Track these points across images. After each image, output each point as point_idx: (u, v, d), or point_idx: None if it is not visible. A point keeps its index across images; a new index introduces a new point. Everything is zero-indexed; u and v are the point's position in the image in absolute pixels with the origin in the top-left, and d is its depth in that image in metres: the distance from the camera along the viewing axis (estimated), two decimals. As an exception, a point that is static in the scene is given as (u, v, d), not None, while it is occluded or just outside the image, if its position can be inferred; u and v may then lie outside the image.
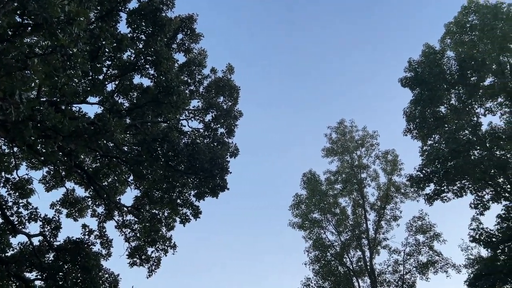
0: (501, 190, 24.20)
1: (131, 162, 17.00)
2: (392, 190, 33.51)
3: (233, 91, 20.68)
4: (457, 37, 28.22)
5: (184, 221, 20.23)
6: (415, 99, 27.33)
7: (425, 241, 30.33)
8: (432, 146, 25.75)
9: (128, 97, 19.53)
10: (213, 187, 17.89)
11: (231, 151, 19.92)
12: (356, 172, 34.67)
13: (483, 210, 24.76)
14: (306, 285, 30.18)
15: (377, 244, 31.70)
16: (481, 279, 21.92)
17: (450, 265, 28.95)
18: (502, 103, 26.32)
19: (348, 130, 36.65)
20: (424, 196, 25.39)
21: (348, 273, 30.60)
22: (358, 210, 33.48)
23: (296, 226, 32.91)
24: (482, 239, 23.87)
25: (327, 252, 31.52)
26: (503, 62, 26.19)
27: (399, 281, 29.31)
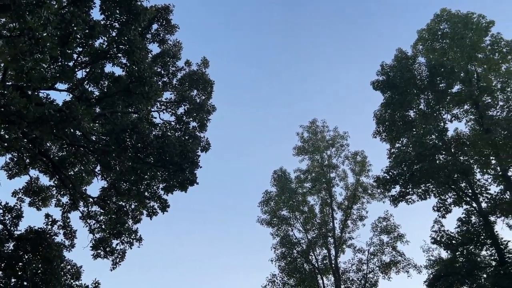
0: (463, 195, 25.07)
1: (99, 152, 16.64)
2: (360, 191, 34.14)
3: (207, 85, 20.50)
4: (428, 44, 28.98)
5: (151, 214, 19.98)
6: (385, 102, 27.93)
7: (389, 242, 31.09)
8: (400, 149, 26.41)
9: (99, 86, 19.04)
10: (182, 181, 17.71)
11: (203, 145, 19.75)
12: (325, 172, 35.11)
13: (445, 213, 25.60)
14: (272, 281, 30.42)
15: (342, 243, 32.24)
16: (440, 279, 22.68)
17: (412, 265, 29.80)
18: (468, 110, 27.22)
19: (319, 130, 37.09)
20: (389, 197, 26.02)
21: (313, 270, 31.00)
22: (326, 209, 33.93)
23: (264, 222, 33.10)
24: (443, 241, 24.69)
25: (293, 249, 31.84)
26: (470, 70, 27.08)
27: (362, 279, 29.94)
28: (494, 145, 23.92)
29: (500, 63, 26.72)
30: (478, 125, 26.14)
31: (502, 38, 26.62)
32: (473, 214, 24.50)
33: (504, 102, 25.46)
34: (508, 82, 25.68)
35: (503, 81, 26.00)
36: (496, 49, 26.73)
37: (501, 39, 26.62)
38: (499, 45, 26.68)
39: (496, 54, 26.80)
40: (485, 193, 24.70)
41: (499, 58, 26.67)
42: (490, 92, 25.95)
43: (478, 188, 24.88)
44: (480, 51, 26.91)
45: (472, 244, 23.98)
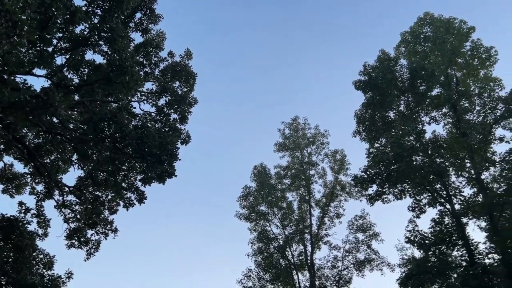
0: (438, 196, 25.60)
1: (76, 140, 16.39)
2: (338, 189, 34.50)
3: (189, 77, 20.31)
4: (411, 47, 29.38)
5: (128, 205, 19.80)
6: (366, 102, 28.20)
7: (364, 240, 31.56)
8: (378, 149, 26.75)
9: (78, 73, 18.68)
10: (160, 173, 17.56)
11: (183, 138, 19.62)
12: (305, 169, 35.33)
13: (419, 213, 26.11)
14: (247, 276, 30.55)
15: (319, 240, 32.58)
16: (411, 278, 23.16)
17: (386, 263, 30.33)
18: (446, 113, 27.72)
19: (301, 127, 37.25)
20: (366, 196, 26.40)
21: (288, 266, 31.25)
22: (304, 206, 34.19)
23: (242, 217, 33.16)
24: (417, 240, 25.19)
25: (270, 245, 32.02)
26: (450, 74, 27.58)
27: (337, 276, 30.34)
28: (470, 149, 24.49)
29: (479, 69, 27.29)
30: (455, 129, 26.66)
31: (481, 44, 27.19)
32: (447, 215, 25.06)
33: (481, 107, 26.02)
34: (485, 88, 26.24)
35: (481, 86, 26.55)
36: (476, 55, 27.28)
37: (481, 45, 27.18)
38: (479, 51, 27.23)
39: (475, 59, 27.36)
40: (459, 195, 25.29)
41: (478, 64, 27.24)
42: (468, 96, 26.50)
43: (452, 190, 25.43)
44: (460, 56, 27.43)
45: (444, 244, 24.53)
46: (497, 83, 26.18)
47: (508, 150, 24.28)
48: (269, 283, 30.41)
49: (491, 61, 27.14)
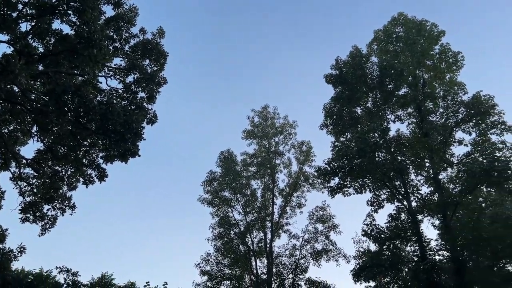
0: (396, 192, 26.41)
1: (37, 111, 15.80)
2: (302, 179, 34.96)
3: (160, 56, 19.89)
4: (383, 45, 29.88)
5: (88, 182, 19.39)
6: (336, 96, 28.60)
7: (323, 230, 32.21)
8: (343, 143, 27.23)
9: (44, 42, 17.95)
10: (123, 151, 17.18)
11: (149, 117, 19.26)
12: (271, 158, 35.57)
13: (378, 208, 26.88)
14: (206, 259, 30.67)
15: (279, 228, 33.02)
16: (365, 270, 23.92)
17: (342, 255, 31.12)
18: (411, 113, 28.50)
19: (270, 116, 37.37)
20: (328, 188, 26.88)
21: (248, 252, 31.56)
22: (267, 194, 34.50)
23: (205, 202, 33.10)
24: (373, 234, 25.97)
25: (231, 230, 32.20)
26: (418, 75, 28.31)
27: (294, 264, 30.90)
28: (430, 149, 25.33)
29: (445, 72, 28.14)
30: (418, 129, 27.47)
31: (450, 48, 28.02)
32: (403, 211, 25.91)
33: (444, 110, 26.88)
34: (450, 91, 27.10)
35: (446, 89, 27.40)
36: (444, 59, 28.11)
37: (449, 49, 28.01)
38: (447, 55, 28.06)
39: (443, 63, 28.18)
40: (416, 193, 26.18)
41: (445, 67, 28.08)
42: (433, 98, 27.30)
43: (411, 188, 26.29)
44: (429, 58, 28.17)
45: (399, 239, 25.41)
46: (461, 87, 27.11)
47: (466, 153, 25.31)
48: (227, 268, 30.66)
49: (457, 65, 28.05)
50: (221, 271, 30.42)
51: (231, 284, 29.88)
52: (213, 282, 29.68)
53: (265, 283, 29.63)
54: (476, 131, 25.45)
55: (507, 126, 24.34)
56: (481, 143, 24.94)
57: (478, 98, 24.73)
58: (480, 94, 24.87)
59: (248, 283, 30.41)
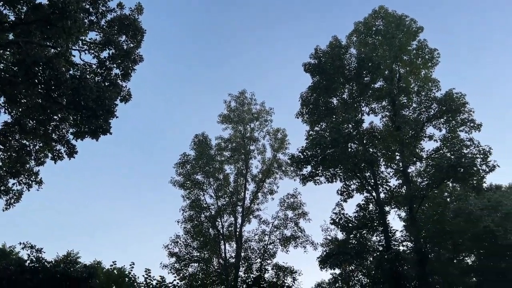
0: (366, 183, 26.92)
1: (5, 82, 15.22)
2: (275, 166, 35.14)
3: (137, 33, 19.37)
4: (362, 37, 30.08)
5: (56, 158, 18.93)
6: (313, 86, 28.71)
7: (293, 217, 32.59)
8: (318, 132, 27.46)
9: (15, 10, 17.19)
10: (95, 128, 16.83)
11: (123, 95, 18.87)
12: (246, 143, 35.55)
13: (347, 197, 27.39)
14: (175, 242, 30.59)
15: (250, 213, 33.19)
16: (331, 257, 24.42)
17: (310, 242, 31.58)
18: (385, 106, 28.94)
19: (247, 101, 37.21)
20: (300, 176, 27.13)
21: (217, 236, 31.66)
22: (240, 179, 34.54)
23: (177, 184, 32.84)
24: (341, 223, 26.48)
25: (202, 214, 32.17)
26: (394, 70, 28.71)
27: (262, 249, 31.22)
28: (401, 143, 25.89)
29: (421, 68, 28.65)
30: (391, 122, 27.97)
31: (427, 45, 28.47)
32: (371, 202, 26.50)
33: (417, 105, 27.42)
34: (424, 87, 27.63)
35: (420, 85, 27.92)
36: (420, 54, 28.56)
37: (426, 46, 28.46)
38: (424, 51, 28.52)
39: (419, 59, 28.65)
40: (385, 185, 26.83)
41: (421, 63, 28.57)
42: (407, 93, 27.79)
43: (380, 179, 26.88)
44: (406, 53, 28.58)
45: (366, 229, 26.03)
46: (435, 84, 27.68)
47: (435, 149, 26.01)
48: (196, 250, 30.69)
49: (433, 62, 28.58)
50: (190, 253, 30.44)
51: (199, 267, 29.98)
52: (181, 264, 29.69)
53: (233, 266, 29.86)
54: (446, 127, 26.12)
55: (475, 124, 25.07)
56: (450, 139, 25.64)
57: (450, 96, 25.32)
58: (452, 92, 25.46)
59: (216, 266, 30.59)
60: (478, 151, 23.20)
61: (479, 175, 22.53)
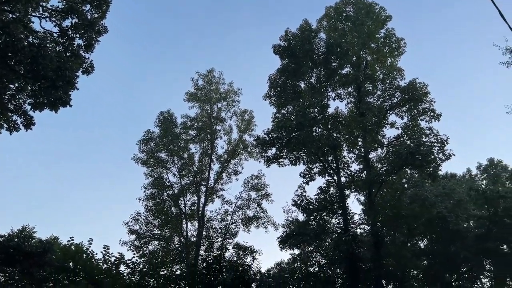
0: (328, 167, 27.46)
1: (-44, 46, 14.33)
2: (241, 147, 35.19)
3: (102, 3, 18.53)
4: (332, 22, 30.21)
5: (12, 129, 18.09)
6: (282, 68, 28.76)
7: (256, 198, 32.88)
8: (284, 115, 27.63)
9: (-31, -30, 16.13)
10: (54, 99, 16.24)
11: (85, 67, 18.17)
12: (212, 123, 35.33)
13: (309, 180, 27.83)
14: (135, 219, 30.25)
15: (213, 193, 33.23)
16: (291, 238, 24.90)
17: (271, 222, 32.06)
18: (351, 93, 29.37)
19: (215, 80, 36.82)
20: (265, 157, 27.33)
21: (179, 214, 31.56)
22: (205, 159, 34.41)
23: (140, 161, 32.31)
24: (302, 205, 26.93)
25: (164, 192, 31.91)
26: (362, 57, 29.10)
27: (224, 229, 31.44)
28: (364, 129, 26.47)
29: (387, 57, 29.16)
30: (356, 108, 28.48)
31: (394, 34, 28.95)
32: (333, 185, 27.07)
33: (382, 92, 28.01)
34: (389, 75, 28.17)
35: (385, 73, 28.45)
36: (387, 43, 29.03)
37: (394, 35, 28.94)
38: (391, 40, 28.99)
39: (386, 47, 29.12)
40: (347, 169, 27.49)
41: (388, 52, 29.07)
42: (372, 80, 28.29)
43: (342, 164, 27.48)
44: (374, 41, 28.96)
45: (326, 211, 26.62)
46: (400, 72, 28.30)
47: (396, 136, 26.77)
48: (157, 228, 30.53)
49: (399, 51, 29.14)
50: (150, 231, 30.24)
51: (160, 245, 29.89)
52: (141, 241, 29.48)
53: (194, 245, 29.96)
54: (408, 116, 26.89)
55: (435, 114, 25.94)
56: (411, 127, 26.44)
57: (414, 85, 26.01)
58: (415, 81, 26.15)
59: (177, 245, 30.59)
60: (436, 140, 24.07)
61: (436, 163, 23.43)
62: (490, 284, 33.66)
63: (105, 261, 22.58)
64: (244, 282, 22.55)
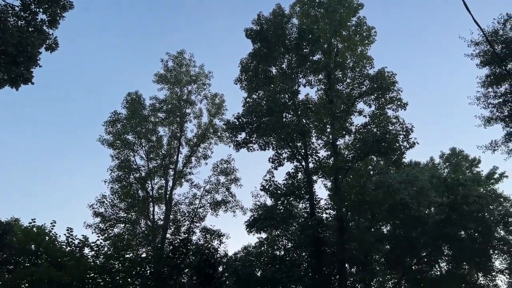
0: (297, 153, 27.74)
1: None
2: (211, 131, 34.98)
3: (68, -24, 17.86)
4: (305, 8, 30.19)
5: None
6: (253, 53, 28.59)
7: (225, 183, 32.86)
8: (255, 100, 27.60)
9: None
10: (15, 76, 15.54)
11: (49, 43, 17.40)
12: (182, 106, 34.87)
13: (278, 165, 28.08)
14: (101, 201, 29.65)
15: (182, 177, 32.97)
16: (258, 222, 25.13)
17: (239, 207, 32.21)
18: (321, 80, 29.60)
19: (185, 62, 36.23)
20: (234, 142, 27.29)
21: (146, 198, 31.16)
22: (174, 142, 34.00)
23: (106, 143, 31.53)
24: (270, 189, 27.17)
25: (131, 175, 31.37)
26: (333, 44, 29.29)
27: (192, 213, 31.34)
28: (333, 116, 26.80)
29: (358, 45, 29.46)
30: (325, 95, 28.75)
31: (365, 22, 29.25)
32: (301, 171, 27.41)
33: (351, 80, 28.37)
34: (359, 63, 28.53)
35: (356, 61, 28.78)
36: (358, 31, 29.30)
37: (365, 23, 29.23)
38: (362, 28, 29.28)
39: (357, 35, 29.40)
40: (315, 155, 27.85)
41: (358, 40, 29.36)
42: (342, 68, 28.55)
43: (310, 150, 27.81)
44: (345, 29, 29.17)
45: (293, 196, 26.96)
46: (369, 61, 28.69)
47: (364, 124, 27.27)
48: (123, 211, 30.07)
49: (369, 40, 29.49)
50: (116, 214, 29.75)
51: (125, 228, 29.53)
52: (106, 224, 29.00)
53: (160, 228, 29.76)
54: (376, 104, 27.39)
55: (402, 103, 26.53)
56: (378, 116, 26.97)
57: (382, 74, 26.45)
58: (384, 70, 26.60)
59: (143, 228, 30.30)
60: (402, 128, 24.67)
61: (400, 151, 24.06)
62: (448, 267, 35.22)
63: (69, 244, 22.19)
64: (210, 265, 22.70)
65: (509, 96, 22.89)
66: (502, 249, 32.29)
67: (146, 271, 23.22)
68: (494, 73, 22.95)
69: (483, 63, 23.06)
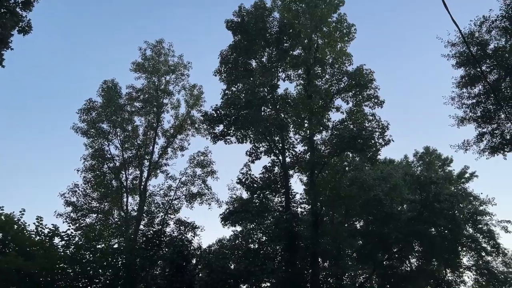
0: (274, 147, 27.77)
1: None
2: (188, 123, 34.63)
3: (43, -42, 17.27)
4: (286, 2, 30.09)
5: None
6: (234, 45, 28.38)
7: (201, 175, 32.64)
8: (234, 93, 27.44)
9: None
10: (-16, 58, 14.95)
11: (22, 26, 16.78)
12: (159, 96, 34.37)
13: (255, 159, 28.05)
14: (73, 191, 29.01)
15: (157, 168, 32.55)
16: (233, 214, 25.10)
17: (215, 199, 32.10)
18: (300, 75, 29.66)
19: (164, 52, 35.68)
20: (212, 134, 27.11)
21: (120, 188, 30.65)
22: (150, 133, 33.51)
23: (80, 131, 30.81)
24: (247, 183, 27.15)
25: (105, 164, 30.79)
26: (313, 40, 29.34)
27: (167, 205, 31.04)
28: (311, 111, 26.91)
29: (338, 41, 29.58)
30: (304, 91, 28.84)
31: (346, 19, 29.37)
32: (277, 165, 27.47)
33: (330, 76, 28.48)
34: (338, 60, 28.68)
35: (335, 58, 28.92)
36: (339, 28, 29.41)
37: (345, 20, 29.36)
38: (342, 25, 29.40)
39: (337, 32, 29.50)
40: (292, 150, 27.90)
41: (338, 37, 29.48)
42: (322, 64, 28.65)
43: (288, 144, 27.87)
44: (326, 25, 29.24)
45: (269, 190, 27.02)
46: (348, 58, 28.85)
47: (341, 120, 27.47)
48: (96, 201, 29.53)
49: (349, 37, 29.65)
50: (89, 204, 29.20)
51: (98, 218, 29.00)
52: (77, 214, 28.42)
53: (134, 219, 29.36)
54: (353, 101, 27.63)
55: (379, 101, 26.85)
56: (355, 112, 27.22)
57: (361, 71, 26.66)
58: (362, 68, 26.80)
59: (116, 219, 29.83)
60: (378, 125, 24.99)
61: (376, 148, 24.37)
62: (418, 263, 36.12)
63: (38, 233, 21.62)
64: (184, 257, 22.53)
65: (482, 97, 23.41)
66: (470, 246, 33.34)
67: (118, 262, 22.85)
68: (468, 74, 23.43)
69: (459, 64, 23.50)
